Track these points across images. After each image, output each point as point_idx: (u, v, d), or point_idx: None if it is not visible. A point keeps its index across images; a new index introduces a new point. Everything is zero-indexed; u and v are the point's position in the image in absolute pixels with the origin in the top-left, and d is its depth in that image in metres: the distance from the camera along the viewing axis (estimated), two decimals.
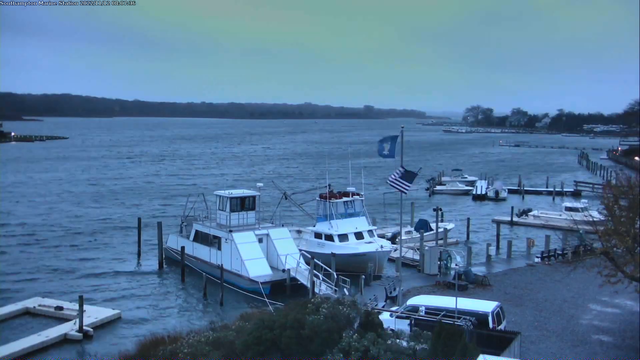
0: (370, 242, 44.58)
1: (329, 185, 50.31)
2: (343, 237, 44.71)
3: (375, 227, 49.41)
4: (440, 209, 52.23)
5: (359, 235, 45.35)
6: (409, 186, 30.99)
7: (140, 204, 77.85)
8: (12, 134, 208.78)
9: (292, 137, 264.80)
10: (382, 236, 49.79)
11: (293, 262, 40.54)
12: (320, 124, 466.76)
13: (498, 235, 53.83)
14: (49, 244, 53.89)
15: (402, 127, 32.58)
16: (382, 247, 43.74)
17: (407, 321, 24.81)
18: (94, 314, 33.72)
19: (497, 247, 51.85)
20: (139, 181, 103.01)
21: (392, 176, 30.88)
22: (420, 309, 26.25)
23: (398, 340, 19.77)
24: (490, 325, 24.70)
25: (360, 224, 46.51)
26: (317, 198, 48.38)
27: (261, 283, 38.87)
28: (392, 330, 22.65)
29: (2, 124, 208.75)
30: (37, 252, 50.77)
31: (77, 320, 31.30)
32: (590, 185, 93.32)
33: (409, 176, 30.78)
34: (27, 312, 34.82)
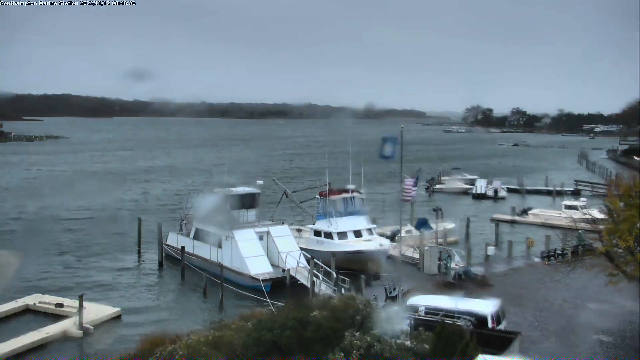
0: (369, 240, 44.63)
1: (329, 183, 50.36)
2: (342, 235, 44.74)
3: (375, 226, 49.43)
4: (440, 209, 52.23)
5: (358, 233, 45.40)
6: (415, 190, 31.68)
7: (140, 202, 77.80)
8: (12, 133, 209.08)
9: None
10: (381, 234, 49.83)
11: (293, 261, 40.59)
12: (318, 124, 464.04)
13: (498, 234, 53.81)
14: (49, 242, 53.80)
15: (402, 127, 32.55)
16: (381, 245, 43.79)
17: (407, 321, 24.80)
18: (94, 311, 33.71)
19: (497, 247, 51.75)
20: (139, 179, 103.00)
21: (407, 189, 31.41)
22: (420, 309, 26.24)
23: (400, 340, 19.77)
24: (490, 325, 24.68)
25: (360, 222, 46.55)
26: (316, 196, 48.44)
27: (262, 280, 38.93)
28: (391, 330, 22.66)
29: (2, 123, 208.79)
30: (37, 250, 50.69)
31: (77, 317, 31.32)
32: (590, 185, 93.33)
33: (415, 183, 31.59)
34: (27, 309, 34.88)
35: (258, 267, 40.49)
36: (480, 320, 24.55)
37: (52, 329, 31.11)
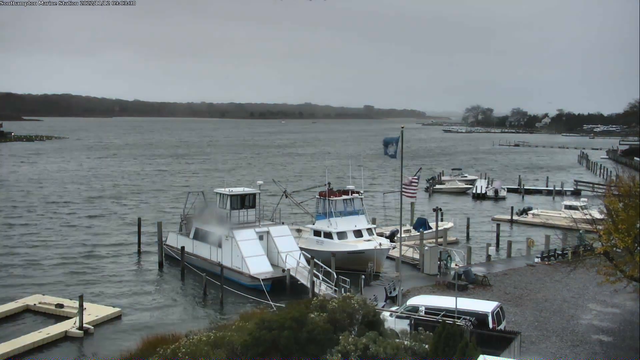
0: (369, 240, 44.67)
1: (329, 183, 50.40)
2: (342, 235, 44.81)
3: (375, 226, 49.47)
4: (440, 209, 52.25)
5: (357, 233, 45.46)
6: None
7: (140, 202, 77.85)
8: (12, 133, 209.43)
9: None
10: (381, 234, 49.87)
11: (293, 261, 40.63)
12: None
13: (498, 234, 53.86)
14: (50, 242, 53.89)
15: (402, 127, 32.63)
16: (380, 244, 43.82)
17: (407, 321, 24.83)
18: (94, 311, 33.79)
19: (497, 247, 51.86)
20: (140, 179, 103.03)
21: (408, 187, 31.61)
22: (420, 309, 26.28)
23: (398, 340, 19.77)
24: (490, 325, 24.72)
25: (360, 222, 46.60)
26: (316, 196, 48.48)
27: (262, 280, 38.96)
28: (391, 330, 22.69)
29: (2, 124, 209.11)
30: (38, 250, 50.77)
31: (78, 317, 31.33)
32: (591, 185, 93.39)
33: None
34: (27, 310, 34.86)
35: (258, 266, 40.55)
36: (481, 320, 24.59)
37: (52, 329, 31.13)
